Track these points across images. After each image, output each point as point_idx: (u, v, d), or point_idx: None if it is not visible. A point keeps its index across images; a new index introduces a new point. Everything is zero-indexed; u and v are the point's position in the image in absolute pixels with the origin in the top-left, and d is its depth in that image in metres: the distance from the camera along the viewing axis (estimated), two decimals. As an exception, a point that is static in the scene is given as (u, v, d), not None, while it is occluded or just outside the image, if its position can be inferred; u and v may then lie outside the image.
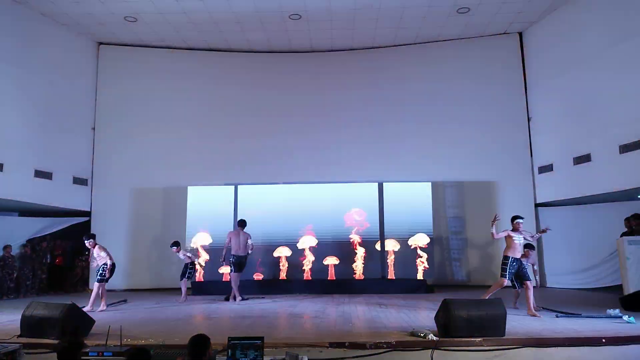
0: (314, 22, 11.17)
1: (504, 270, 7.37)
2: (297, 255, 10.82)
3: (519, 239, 7.43)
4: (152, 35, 11.89)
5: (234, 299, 9.27)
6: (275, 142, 12.16)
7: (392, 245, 10.73)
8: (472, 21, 11.28)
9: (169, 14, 10.83)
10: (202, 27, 11.44)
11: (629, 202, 9.98)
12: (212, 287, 10.52)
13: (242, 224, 9.64)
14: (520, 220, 7.54)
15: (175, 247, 9.84)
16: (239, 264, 9.34)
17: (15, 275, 10.72)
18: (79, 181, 11.71)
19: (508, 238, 7.47)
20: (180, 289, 9.83)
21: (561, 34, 10.72)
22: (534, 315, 6.91)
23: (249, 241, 9.41)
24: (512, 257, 7.37)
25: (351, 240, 10.87)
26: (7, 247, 10.72)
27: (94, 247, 8.65)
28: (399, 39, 12.10)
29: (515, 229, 7.49)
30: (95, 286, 8.34)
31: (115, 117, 12.24)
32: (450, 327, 5.29)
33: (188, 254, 9.91)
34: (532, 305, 7.10)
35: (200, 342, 3.61)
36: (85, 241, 8.61)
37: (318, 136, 12.17)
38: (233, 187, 11.41)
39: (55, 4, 10.37)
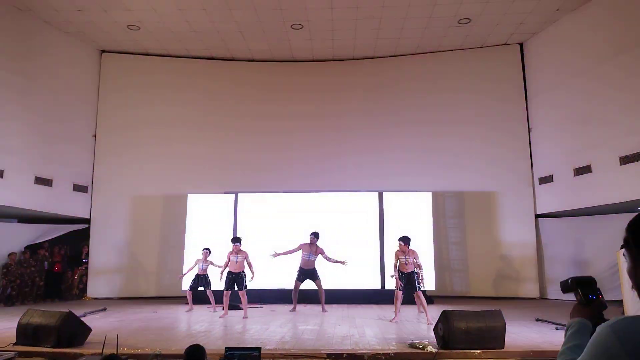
0: (316, 31, 11.22)
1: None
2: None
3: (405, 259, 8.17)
4: (155, 43, 11.95)
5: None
6: (276, 151, 12.18)
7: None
8: (473, 32, 11.33)
9: (171, 23, 10.89)
10: (204, 35, 11.50)
11: (630, 214, 9.94)
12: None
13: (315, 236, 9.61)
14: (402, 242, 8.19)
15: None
16: (302, 274, 9.49)
17: (18, 282, 10.71)
18: (79, 188, 11.71)
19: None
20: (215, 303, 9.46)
21: (562, 45, 10.76)
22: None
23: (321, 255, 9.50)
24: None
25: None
26: (11, 255, 10.73)
27: (238, 253, 8.65)
28: (400, 49, 12.15)
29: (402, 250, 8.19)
30: (244, 295, 8.54)
31: (117, 125, 12.27)
32: (449, 339, 5.25)
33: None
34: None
35: (196, 352, 3.57)
36: (233, 244, 8.69)
37: (319, 145, 12.18)
38: (233, 195, 11.41)
39: (58, 12, 10.44)
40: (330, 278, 10.67)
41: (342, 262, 9.37)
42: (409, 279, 8.09)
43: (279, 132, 12.29)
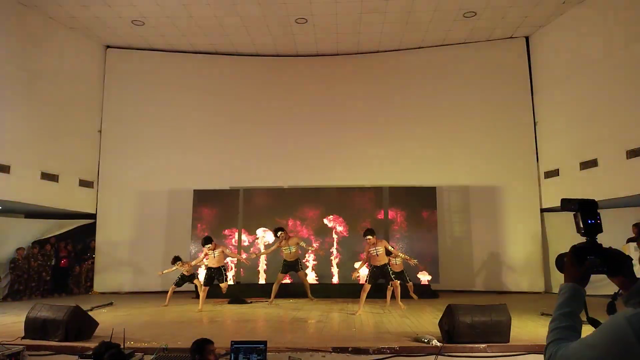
0: (320, 26, 11.18)
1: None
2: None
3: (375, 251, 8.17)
4: (159, 38, 11.95)
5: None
6: (281, 146, 12.18)
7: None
8: (479, 25, 11.25)
9: (175, 18, 10.88)
10: (208, 30, 11.48)
11: (636, 208, 9.89)
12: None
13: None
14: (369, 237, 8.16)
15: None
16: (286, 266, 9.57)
17: (25, 277, 10.80)
18: (84, 183, 11.77)
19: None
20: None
21: (568, 38, 10.68)
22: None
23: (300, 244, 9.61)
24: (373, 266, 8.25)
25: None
26: (19, 250, 10.82)
27: (215, 249, 8.84)
28: (404, 43, 12.09)
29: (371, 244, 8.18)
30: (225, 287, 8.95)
31: (122, 120, 12.31)
32: (454, 333, 5.25)
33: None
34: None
35: (202, 346, 3.60)
36: (205, 246, 8.80)
37: (323, 140, 12.16)
38: (238, 190, 11.43)
39: (63, 8, 10.45)
40: (336, 272, 10.72)
41: (316, 249, 9.82)
42: (382, 272, 8.16)
43: (283, 127, 12.29)
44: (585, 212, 1.49)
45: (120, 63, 12.51)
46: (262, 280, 10.76)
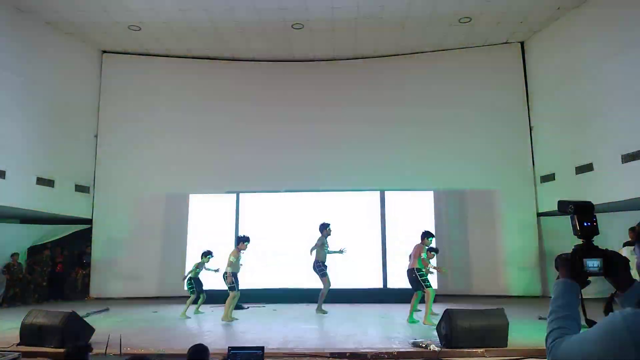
0: (316, 31, 11.21)
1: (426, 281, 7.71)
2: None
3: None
4: (156, 44, 11.96)
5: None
6: (277, 150, 12.17)
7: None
8: (474, 31, 11.31)
9: (172, 23, 10.89)
10: (205, 36, 11.49)
11: (632, 211, 9.92)
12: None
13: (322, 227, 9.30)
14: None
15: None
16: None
17: (20, 278, 10.73)
18: (80, 188, 11.72)
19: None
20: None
21: (563, 43, 10.74)
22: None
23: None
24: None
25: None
26: (14, 255, 10.76)
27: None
28: (400, 48, 12.14)
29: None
30: None
31: (118, 125, 12.28)
32: (452, 338, 5.25)
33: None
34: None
35: (199, 352, 3.57)
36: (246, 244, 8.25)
37: (320, 144, 12.17)
38: (235, 195, 11.41)
39: (59, 13, 10.44)
40: (333, 277, 10.68)
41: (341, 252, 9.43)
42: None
43: (279, 132, 12.28)
44: (581, 214, 1.50)
45: (117, 68, 12.49)
46: (258, 286, 10.70)
